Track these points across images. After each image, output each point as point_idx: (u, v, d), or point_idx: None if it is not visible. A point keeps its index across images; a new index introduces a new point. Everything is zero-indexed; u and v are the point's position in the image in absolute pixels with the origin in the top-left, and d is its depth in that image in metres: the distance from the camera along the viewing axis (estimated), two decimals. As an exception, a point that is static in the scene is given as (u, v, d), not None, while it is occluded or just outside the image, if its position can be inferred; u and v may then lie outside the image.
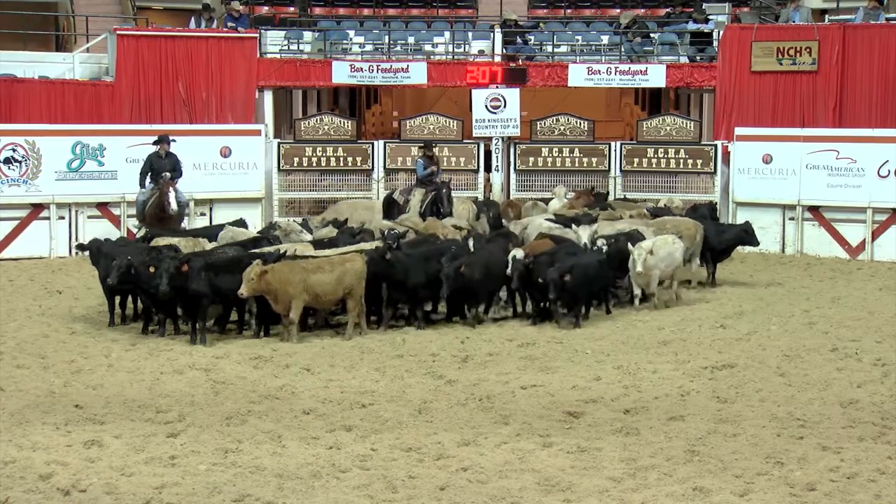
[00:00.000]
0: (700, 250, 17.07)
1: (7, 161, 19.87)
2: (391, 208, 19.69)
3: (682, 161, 22.00)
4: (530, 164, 22.34)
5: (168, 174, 18.25)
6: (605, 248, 14.87)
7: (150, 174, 18.35)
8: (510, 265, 14.06)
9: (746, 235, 17.69)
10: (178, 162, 18.62)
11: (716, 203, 20.89)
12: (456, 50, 23.73)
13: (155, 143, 18.63)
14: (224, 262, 13.60)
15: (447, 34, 24.17)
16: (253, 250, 14.67)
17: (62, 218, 20.22)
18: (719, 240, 17.51)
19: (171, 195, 18.00)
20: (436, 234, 16.53)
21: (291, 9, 26.86)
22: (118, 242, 16.17)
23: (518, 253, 14.21)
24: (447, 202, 19.27)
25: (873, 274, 18.72)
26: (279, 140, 22.54)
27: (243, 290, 12.77)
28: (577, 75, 22.80)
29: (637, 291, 15.28)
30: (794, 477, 8.42)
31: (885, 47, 21.50)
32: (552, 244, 15.08)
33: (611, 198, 21.19)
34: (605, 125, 25.82)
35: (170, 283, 12.90)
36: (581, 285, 13.93)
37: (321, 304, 13.59)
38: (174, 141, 18.73)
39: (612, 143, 22.42)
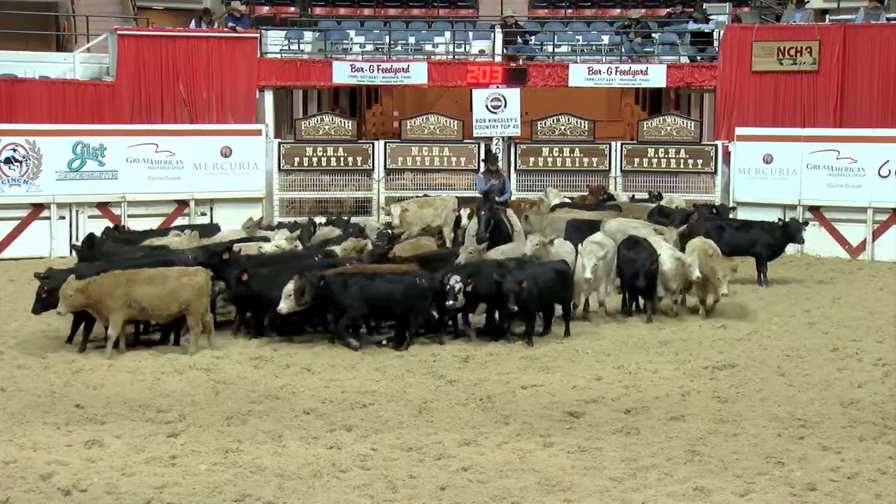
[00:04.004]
0: None
1: (8, 161, 19.87)
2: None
3: (682, 161, 22.00)
4: (531, 164, 22.35)
5: None
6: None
7: None
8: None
9: (794, 232, 17.72)
10: None
11: (726, 204, 20.75)
12: (456, 50, 23.73)
13: None
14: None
15: (448, 34, 24.19)
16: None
17: (63, 218, 20.24)
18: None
19: None
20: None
21: (292, 9, 26.88)
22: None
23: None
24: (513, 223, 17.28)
25: (874, 274, 18.71)
26: (280, 140, 22.55)
27: (60, 309, 12.12)
28: (578, 75, 22.81)
29: (592, 301, 14.58)
30: (794, 477, 8.42)
31: (885, 47, 21.51)
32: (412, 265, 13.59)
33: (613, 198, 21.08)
34: (605, 125, 25.84)
35: None
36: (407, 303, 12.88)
37: (151, 318, 12.79)
38: None
39: (613, 143, 22.43)
